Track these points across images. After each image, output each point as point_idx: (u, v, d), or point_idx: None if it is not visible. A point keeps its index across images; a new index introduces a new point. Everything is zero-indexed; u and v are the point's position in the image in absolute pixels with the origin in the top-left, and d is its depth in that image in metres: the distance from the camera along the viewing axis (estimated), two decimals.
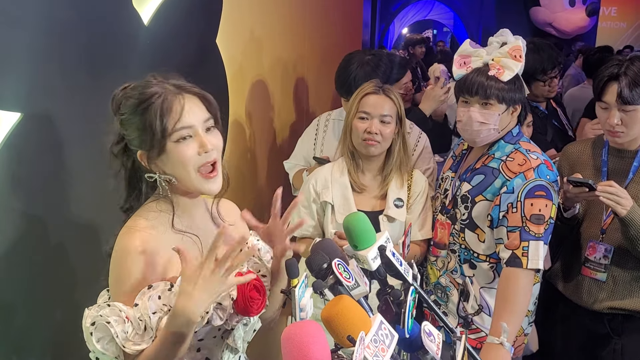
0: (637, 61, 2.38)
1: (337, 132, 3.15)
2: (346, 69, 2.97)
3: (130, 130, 1.57)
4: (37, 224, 1.92)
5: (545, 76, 3.48)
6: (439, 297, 2.60)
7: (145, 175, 1.61)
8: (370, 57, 2.99)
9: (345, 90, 2.97)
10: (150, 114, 1.53)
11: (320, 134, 3.19)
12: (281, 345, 1.17)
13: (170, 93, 1.56)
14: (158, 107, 1.53)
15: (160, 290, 1.53)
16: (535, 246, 2.28)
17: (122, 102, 1.58)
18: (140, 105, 1.54)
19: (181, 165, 1.56)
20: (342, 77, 2.98)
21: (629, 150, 2.51)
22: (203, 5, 2.78)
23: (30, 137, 1.85)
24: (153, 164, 1.58)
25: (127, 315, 1.49)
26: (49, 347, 2.03)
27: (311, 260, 1.53)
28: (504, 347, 2.12)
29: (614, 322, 2.55)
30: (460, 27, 16.25)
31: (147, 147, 1.56)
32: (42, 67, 1.87)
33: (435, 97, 3.16)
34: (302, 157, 3.21)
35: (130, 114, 1.56)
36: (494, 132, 2.41)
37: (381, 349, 1.24)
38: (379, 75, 2.91)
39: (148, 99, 1.54)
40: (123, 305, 1.50)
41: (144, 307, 1.50)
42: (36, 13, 1.82)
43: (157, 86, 1.57)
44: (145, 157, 1.58)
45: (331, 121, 3.21)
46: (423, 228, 2.64)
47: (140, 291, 1.52)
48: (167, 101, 1.54)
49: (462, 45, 2.48)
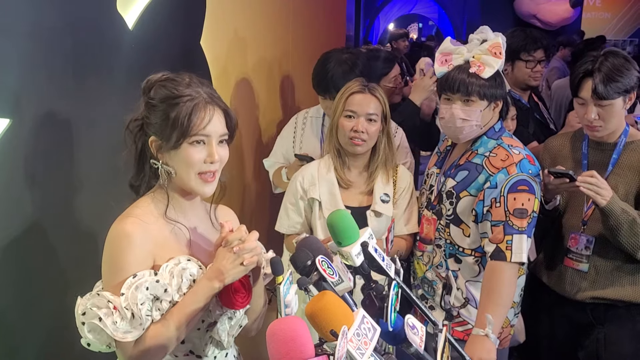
0: (611, 56, 2.43)
1: (316, 129, 3.19)
2: (323, 68, 2.99)
3: (153, 116, 1.66)
4: (27, 228, 1.94)
5: (529, 56, 3.51)
6: (426, 291, 2.64)
7: (150, 160, 1.70)
8: (348, 55, 3.01)
9: (322, 89, 3.00)
10: (180, 111, 1.62)
11: (299, 131, 3.22)
12: (266, 341, 1.20)
13: (203, 100, 1.66)
14: (190, 108, 1.63)
15: (148, 282, 1.58)
16: (519, 240, 2.32)
17: (155, 88, 1.67)
18: (173, 99, 1.64)
19: (185, 165, 1.66)
20: (320, 76, 3.00)
21: (608, 142, 2.55)
22: (186, 7, 2.79)
23: (19, 143, 1.87)
24: (160, 153, 1.68)
25: (114, 306, 1.55)
26: (42, 348, 2.05)
27: (295, 257, 1.57)
28: (489, 338, 2.17)
29: (597, 311, 2.59)
30: (445, 20, 16.29)
31: (164, 138, 1.65)
32: (29, 73, 1.89)
33: (425, 87, 3.19)
34: (281, 155, 3.24)
35: (160, 102, 1.65)
36: (476, 128, 2.45)
37: (364, 342, 1.28)
38: (357, 74, 2.94)
39: (182, 97, 1.64)
40: (111, 294, 1.57)
41: (131, 296, 1.55)
42: (22, 20, 1.84)
43: (192, 88, 1.67)
44: (156, 144, 1.67)
45: (309, 118, 3.24)
46: (409, 223, 2.68)
47: (126, 280, 1.58)
48: (198, 106, 1.64)
49: (443, 43, 2.52)
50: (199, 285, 1.64)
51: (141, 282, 1.57)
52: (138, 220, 1.65)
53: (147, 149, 1.70)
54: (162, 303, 1.61)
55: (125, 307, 1.54)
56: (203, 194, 1.72)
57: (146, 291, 1.57)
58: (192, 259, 1.71)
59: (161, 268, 1.64)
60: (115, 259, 1.62)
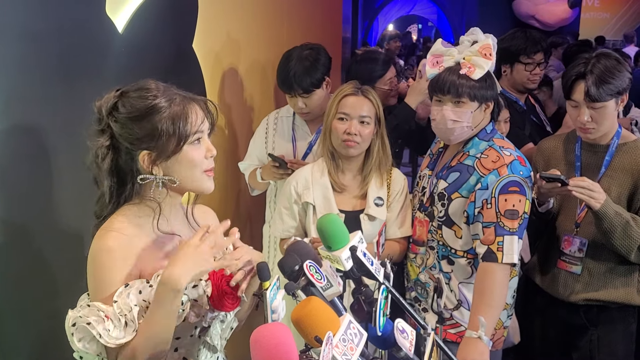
0: (603, 59, 2.43)
1: (287, 129, 3.19)
2: (286, 66, 2.97)
3: (134, 131, 1.60)
4: (16, 232, 1.94)
5: (529, 59, 3.51)
6: (419, 294, 2.64)
7: (138, 177, 1.64)
8: (308, 51, 2.99)
9: (286, 87, 2.99)
10: (173, 116, 1.60)
11: (271, 132, 3.21)
12: (250, 347, 1.20)
13: (183, 100, 1.65)
14: (180, 111, 1.61)
15: (141, 286, 1.57)
16: (510, 241, 2.32)
17: (123, 103, 1.61)
18: (151, 109, 1.60)
19: (191, 167, 1.65)
20: (283, 74, 2.98)
21: (601, 144, 2.56)
22: (178, 10, 2.78)
23: (8, 147, 1.86)
24: (157, 165, 1.63)
25: (106, 314, 1.53)
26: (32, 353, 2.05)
27: (283, 262, 1.56)
28: (482, 340, 2.16)
29: (590, 313, 2.60)
30: (444, 21, 16.32)
31: (158, 148, 1.61)
32: (18, 77, 1.89)
33: (421, 89, 3.19)
34: (255, 157, 3.23)
35: (136, 115, 1.60)
36: (468, 130, 2.45)
37: (350, 348, 1.28)
38: (319, 69, 2.95)
39: (158, 105, 1.61)
40: (102, 304, 1.54)
41: (123, 303, 1.54)
42: (11, 24, 1.84)
43: (164, 93, 1.64)
44: (149, 158, 1.62)
45: (280, 118, 3.23)
46: (403, 226, 2.68)
47: (117, 290, 1.56)
48: (183, 108, 1.63)
49: (435, 45, 2.52)
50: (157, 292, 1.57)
51: (135, 289, 1.56)
52: (119, 235, 1.61)
53: (128, 166, 1.65)
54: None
55: (119, 314, 1.53)
56: (209, 189, 1.70)
57: (139, 295, 1.56)
58: None
59: (152, 278, 1.61)
60: (100, 275, 1.59)
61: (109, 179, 1.65)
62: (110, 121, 1.62)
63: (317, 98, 2.99)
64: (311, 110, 3.03)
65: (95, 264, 1.60)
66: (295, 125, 3.18)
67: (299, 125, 3.18)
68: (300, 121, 3.18)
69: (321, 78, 2.97)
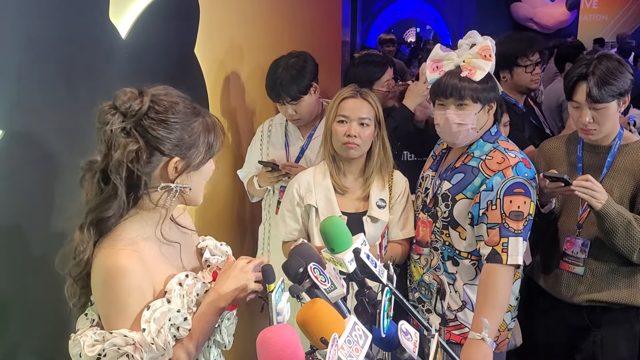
0: (605, 60, 2.44)
1: (280, 136, 3.25)
2: (274, 74, 3.02)
3: (173, 135, 1.56)
4: (19, 238, 1.94)
5: (527, 60, 3.51)
6: (423, 295, 2.64)
7: (160, 185, 1.59)
8: (295, 59, 3.04)
9: (275, 95, 3.04)
10: (203, 129, 1.62)
11: (265, 139, 3.28)
12: (257, 348, 1.21)
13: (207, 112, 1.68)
14: (208, 125, 1.64)
15: (160, 311, 1.53)
16: (515, 242, 2.32)
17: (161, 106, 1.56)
18: (194, 116, 1.61)
19: (204, 178, 1.69)
20: (270, 83, 3.03)
21: (603, 145, 2.56)
22: (180, 16, 2.79)
23: (11, 152, 1.87)
24: (185, 173, 1.62)
25: (134, 341, 1.49)
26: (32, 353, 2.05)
27: (287, 265, 1.57)
28: (485, 342, 2.16)
29: (593, 314, 2.60)
30: (443, 24, 16.34)
31: (189, 158, 1.60)
32: (22, 83, 1.89)
33: (419, 92, 3.20)
34: (253, 165, 3.28)
35: (180, 120, 1.57)
36: (473, 132, 2.46)
37: (355, 349, 1.28)
38: (306, 77, 3.00)
39: (200, 114, 1.64)
40: (128, 331, 1.50)
41: (154, 330, 1.51)
42: (14, 30, 1.84)
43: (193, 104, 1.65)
44: (180, 166, 1.60)
45: (274, 126, 3.30)
46: (405, 227, 2.69)
47: (140, 312, 1.52)
48: (212, 120, 1.67)
49: (434, 50, 2.53)
50: (207, 307, 1.65)
51: (162, 314, 1.53)
52: (131, 252, 1.54)
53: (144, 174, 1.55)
54: (179, 330, 1.56)
55: (150, 343, 1.49)
56: (200, 202, 1.73)
57: (168, 322, 1.53)
58: (190, 273, 1.68)
59: (172, 294, 1.57)
60: (116, 296, 1.52)
61: (124, 187, 1.54)
62: (145, 121, 1.54)
63: (305, 104, 3.05)
64: (301, 116, 3.10)
65: (111, 287, 1.52)
66: (288, 131, 3.25)
67: (291, 131, 3.25)
68: (292, 127, 3.24)
69: (308, 85, 3.02)
